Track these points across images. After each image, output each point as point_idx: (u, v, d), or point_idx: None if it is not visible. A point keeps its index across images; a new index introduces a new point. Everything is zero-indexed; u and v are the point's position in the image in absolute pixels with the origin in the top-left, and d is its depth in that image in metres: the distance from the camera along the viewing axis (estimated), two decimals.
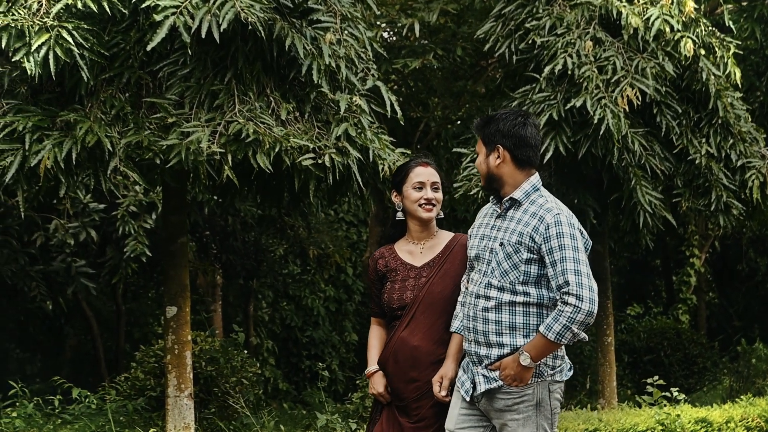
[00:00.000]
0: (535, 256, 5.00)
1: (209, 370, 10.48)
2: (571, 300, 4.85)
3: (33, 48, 6.96)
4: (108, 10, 7.21)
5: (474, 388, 5.14)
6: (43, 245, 12.24)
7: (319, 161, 7.51)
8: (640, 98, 9.87)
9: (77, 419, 10.82)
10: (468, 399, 5.16)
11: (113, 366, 15.32)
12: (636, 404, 11.33)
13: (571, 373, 5.22)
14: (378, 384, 5.57)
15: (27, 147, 7.08)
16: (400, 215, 5.65)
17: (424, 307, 5.46)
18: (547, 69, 10.11)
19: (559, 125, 10.00)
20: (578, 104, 9.79)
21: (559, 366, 5.13)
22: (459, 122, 14.98)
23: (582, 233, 5.08)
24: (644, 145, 10.33)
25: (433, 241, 5.62)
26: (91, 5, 7.12)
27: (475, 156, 5.46)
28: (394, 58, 12.93)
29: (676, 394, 10.42)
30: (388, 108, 8.18)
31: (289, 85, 7.93)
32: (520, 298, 5.02)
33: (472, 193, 10.37)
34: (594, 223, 10.90)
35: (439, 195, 5.60)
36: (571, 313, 4.85)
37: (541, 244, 4.97)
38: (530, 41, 10.45)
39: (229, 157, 7.24)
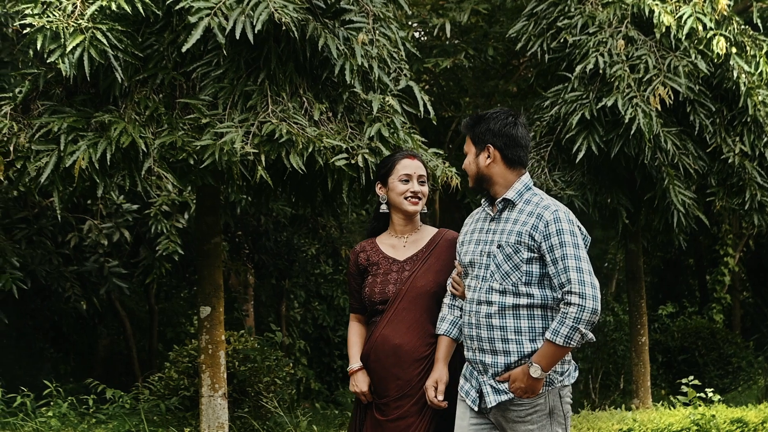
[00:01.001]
0: (535, 255, 4.90)
1: (243, 370, 10.51)
2: (574, 299, 4.75)
3: (68, 49, 7.00)
4: (142, 11, 7.25)
5: (481, 398, 5.03)
6: (77, 246, 12.30)
7: (352, 161, 7.51)
8: (672, 97, 9.81)
9: (111, 419, 10.88)
10: (476, 409, 5.04)
11: (146, 366, 15.39)
12: (670, 404, 11.27)
13: (576, 374, 5.11)
14: (361, 382, 5.44)
15: (62, 148, 7.13)
16: (383, 208, 5.55)
17: (407, 302, 5.34)
18: (578, 68, 10.08)
19: (591, 125, 9.96)
20: (609, 103, 9.76)
21: (567, 370, 5.04)
22: None
23: (581, 229, 4.99)
24: (677, 144, 10.28)
25: (417, 235, 5.53)
26: (125, 7, 7.16)
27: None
28: (425, 57, 12.92)
29: (710, 394, 10.35)
30: (421, 108, 8.17)
31: (322, 85, 7.94)
32: (523, 300, 4.91)
33: None
34: (627, 222, 10.85)
35: (425, 189, 5.51)
36: (576, 313, 4.74)
37: (541, 242, 4.88)
38: (562, 40, 10.43)
39: (263, 158, 7.25)
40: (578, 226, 4.96)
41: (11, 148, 7.29)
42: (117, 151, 7.14)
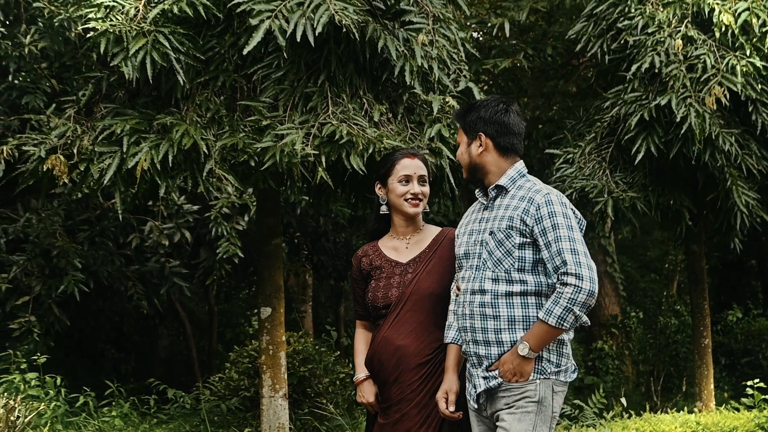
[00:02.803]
0: (528, 240, 4.71)
1: (303, 371, 10.54)
2: (571, 280, 4.55)
3: (130, 53, 7.07)
4: (203, 14, 7.30)
5: (476, 391, 4.84)
6: (138, 247, 12.43)
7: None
8: (728, 96, 9.67)
9: (172, 419, 10.97)
10: (476, 405, 4.83)
11: (206, 366, 15.50)
12: (734, 408, 11.13)
13: (575, 375, 4.87)
14: (368, 393, 5.25)
15: (125, 150, 7.20)
16: (384, 209, 5.34)
17: (411, 305, 5.14)
18: (633, 67, 9.99)
19: (651, 125, 9.86)
20: (663, 102, 9.65)
21: (564, 365, 4.79)
22: (550, 122, 14.85)
23: (575, 212, 4.79)
24: (740, 144, 10.14)
25: (419, 236, 5.33)
26: (187, 10, 7.21)
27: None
28: (484, 57, 12.88)
29: None
30: None
31: (382, 86, 7.93)
32: (516, 288, 4.70)
33: (565, 194, 10.27)
34: (690, 224, 10.74)
35: (426, 189, 5.31)
36: (571, 294, 4.54)
37: (533, 226, 4.69)
38: (622, 41, 10.33)
39: (323, 159, 7.27)
40: (572, 209, 4.77)
41: (75, 151, 7.38)
42: (179, 153, 7.19)
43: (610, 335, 16.48)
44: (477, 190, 5.03)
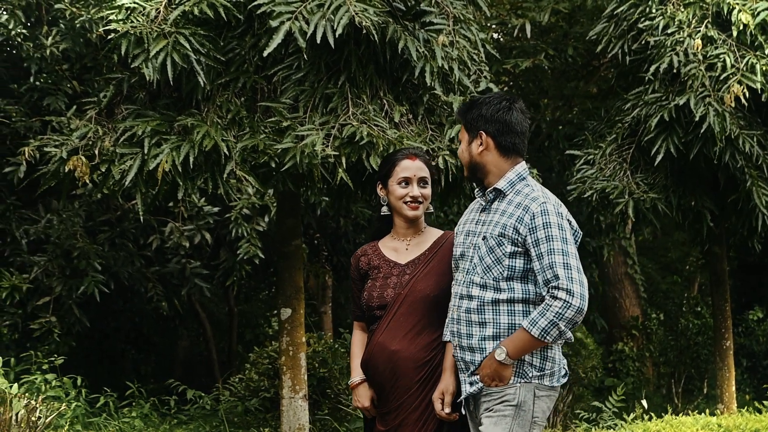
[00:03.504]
0: (519, 249, 4.53)
1: (322, 372, 10.54)
2: (561, 295, 4.37)
3: (151, 54, 7.09)
4: (224, 15, 7.31)
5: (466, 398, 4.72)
6: (158, 248, 12.46)
7: (433, 163, 7.48)
8: (747, 95, 9.61)
9: (192, 419, 10.99)
10: (464, 412, 4.71)
11: (226, 367, 15.51)
12: (756, 410, 11.07)
13: (565, 379, 4.68)
14: (363, 397, 5.07)
15: (146, 151, 7.21)
16: (385, 210, 5.18)
17: (406, 307, 4.95)
18: (652, 68, 9.96)
19: (671, 126, 9.83)
20: (681, 102, 9.62)
21: (549, 369, 4.59)
22: (570, 124, 14.83)
23: (571, 223, 4.61)
24: (762, 145, 10.09)
25: (420, 238, 5.15)
26: (208, 11, 7.23)
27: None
28: (504, 58, 12.85)
29: None
30: None
31: (402, 87, 7.93)
32: (504, 295, 4.54)
33: (585, 195, 10.25)
34: (711, 225, 10.69)
35: (427, 191, 5.11)
36: (560, 308, 4.37)
37: (526, 236, 4.50)
38: (643, 41, 10.30)
39: (343, 160, 7.27)
40: (568, 220, 4.59)
41: (96, 152, 7.40)
42: (199, 154, 7.20)
43: (631, 337, 16.41)
44: (476, 189, 4.85)
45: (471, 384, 4.64)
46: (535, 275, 4.54)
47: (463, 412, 4.74)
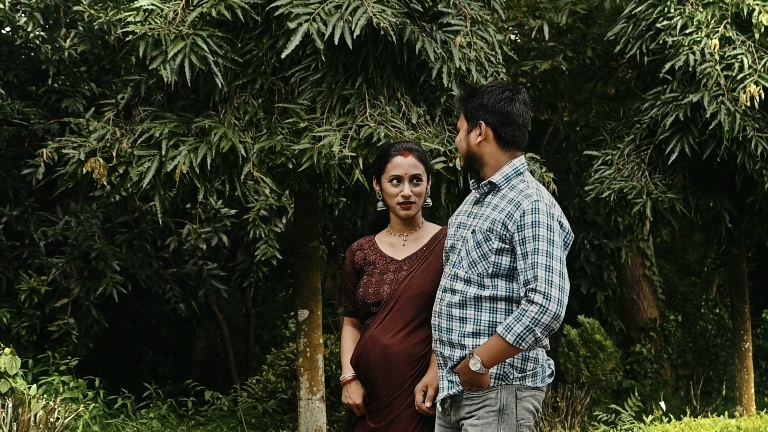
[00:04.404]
0: (506, 246, 4.37)
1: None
2: (538, 299, 4.20)
3: (169, 56, 7.11)
4: (241, 17, 7.32)
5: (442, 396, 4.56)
6: (176, 249, 12.48)
7: (450, 164, 7.48)
8: (763, 96, 9.55)
9: (210, 421, 11.00)
10: (440, 408, 4.56)
11: (243, 368, 15.52)
12: None
13: (551, 380, 4.53)
14: (354, 393, 4.92)
15: (163, 153, 7.23)
16: (380, 205, 5.04)
17: (402, 303, 4.83)
18: (667, 65, 9.92)
19: (686, 126, 9.79)
20: (695, 100, 9.58)
21: (531, 369, 4.44)
22: (588, 125, 14.78)
23: (563, 225, 4.43)
24: None
25: (418, 234, 5.01)
26: (225, 13, 7.24)
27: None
28: (522, 59, 12.82)
29: None
30: None
31: (420, 88, 7.93)
32: (487, 292, 4.39)
33: (603, 196, 10.21)
34: (729, 227, 10.64)
35: (421, 188, 4.94)
36: (536, 313, 4.20)
37: (514, 233, 4.33)
38: (661, 42, 10.26)
39: (360, 161, 7.26)
40: (559, 222, 4.40)
41: (114, 154, 7.42)
42: (217, 156, 7.21)
43: (649, 339, 16.34)
44: (472, 181, 4.66)
45: (450, 382, 4.50)
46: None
47: (439, 405, 4.60)
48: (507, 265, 4.39)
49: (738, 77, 9.65)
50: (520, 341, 4.22)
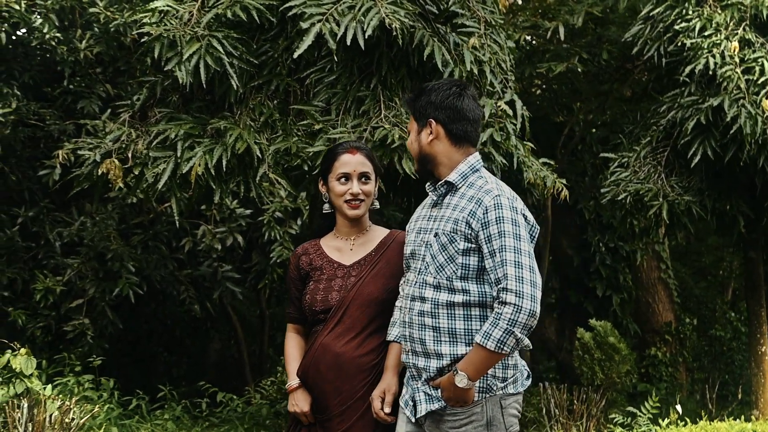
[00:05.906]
0: (472, 246, 4.26)
1: None
2: (510, 298, 4.09)
3: (184, 57, 7.10)
4: (257, 18, 7.32)
5: (415, 407, 4.42)
6: (191, 250, 12.49)
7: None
8: None
9: (223, 422, 10.99)
10: (413, 419, 4.42)
11: (257, 370, 15.53)
12: None
13: (528, 382, 4.48)
14: (301, 401, 4.79)
15: (179, 154, 7.22)
16: (326, 207, 4.89)
17: (353, 311, 4.70)
18: (687, 69, 9.88)
19: (708, 129, 9.75)
20: (715, 104, 9.54)
21: (512, 376, 4.37)
22: (604, 126, 14.75)
23: (527, 218, 4.33)
24: None
25: (365, 237, 4.88)
26: (241, 14, 7.23)
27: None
28: (538, 61, 12.79)
29: None
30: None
31: None
32: (458, 298, 4.27)
33: (619, 198, 10.18)
34: (743, 231, 10.59)
35: (369, 187, 4.83)
36: (511, 314, 4.09)
37: (478, 231, 4.23)
38: (679, 44, 10.21)
39: None
40: (523, 215, 4.31)
41: (129, 155, 7.42)
42: (232, 157, 7.21)
43: (664, 342, 16.30)
44: (428, 184, 4.55)
45: (428, 397, 4.38)
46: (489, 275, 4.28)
47: (411, 417, 4.47)
48: (475, 265, 4.29)
49: (759, 81, 9.60)
50: (502, 346, 4.13)
